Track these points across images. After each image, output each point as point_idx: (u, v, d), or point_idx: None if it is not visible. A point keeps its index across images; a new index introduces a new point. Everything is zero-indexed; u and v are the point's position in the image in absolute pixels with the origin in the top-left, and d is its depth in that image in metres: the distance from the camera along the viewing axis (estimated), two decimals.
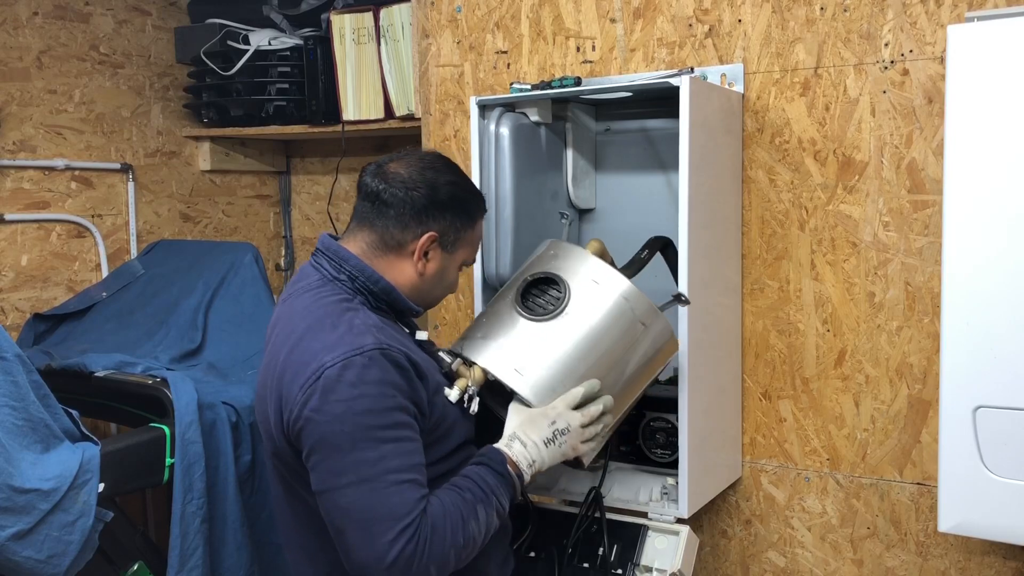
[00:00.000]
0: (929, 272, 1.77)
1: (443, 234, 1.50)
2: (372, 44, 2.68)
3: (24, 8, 2.63)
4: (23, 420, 1.72)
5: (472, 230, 1.54)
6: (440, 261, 1.51)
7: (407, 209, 1.47)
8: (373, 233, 1.49)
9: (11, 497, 1.66)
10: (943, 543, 1.81)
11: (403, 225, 1.47)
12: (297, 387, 1.33)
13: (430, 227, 1.48)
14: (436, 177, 1.50)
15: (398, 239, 1.48)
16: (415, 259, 1.49)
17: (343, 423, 1.30)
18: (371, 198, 1.48)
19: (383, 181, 1.48)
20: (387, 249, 1.49)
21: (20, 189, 2.64)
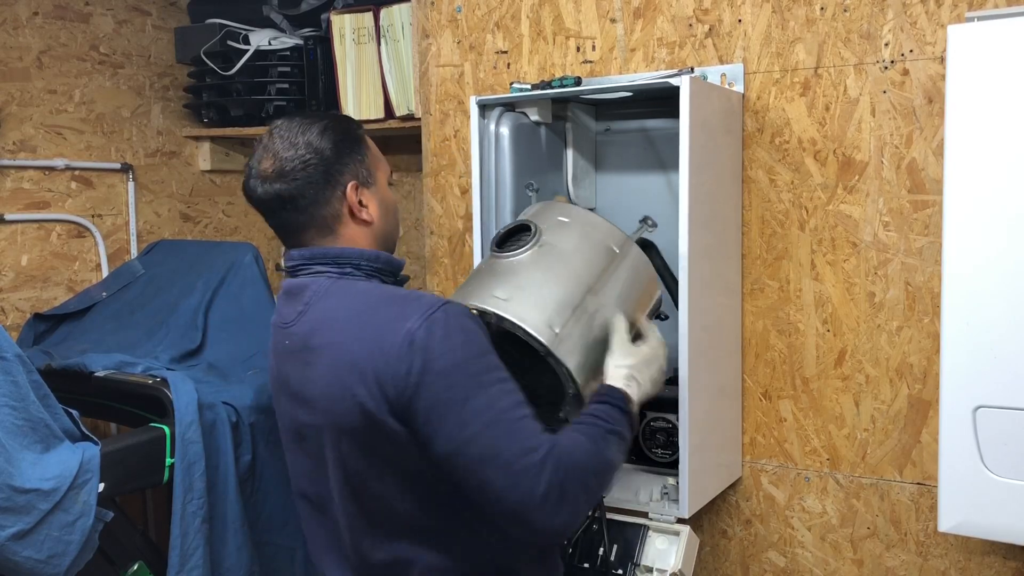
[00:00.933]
0: (929, 272, 1.77)
1: (357, 176, 1.45)
2: (372, 44, 2.68)
3: (24, 8, 2.63)
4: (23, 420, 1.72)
5: (369, 151, 1.50)
6: (373, 198, 1.47)
7: (314, 185, 1.41)
8: (309, 229, 1.44)
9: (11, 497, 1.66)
10: (943, 543, 1.81)
11: (324, 199, 1.42)
12: (393, 360, 1.30)
13: (344, 180, 1.43)
14: (308, 139, 1.42)
15: (330, 213, 1.43)
16: (356, 214, 1.45)
17: (450, 377, 1.29)
18: (278, 205, 1.43)
19: (272, 183, 1.41)
20: (331, 230, 1.44)
21: (20, 189, 2.64)
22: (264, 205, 1.44)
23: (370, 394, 1.32)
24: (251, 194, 1.45)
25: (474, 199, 1.90)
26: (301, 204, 1.42)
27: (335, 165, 1.42)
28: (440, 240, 2.35)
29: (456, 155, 2.29)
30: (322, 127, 1.43)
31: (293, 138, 1.42)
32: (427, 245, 2.38)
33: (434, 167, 2.33)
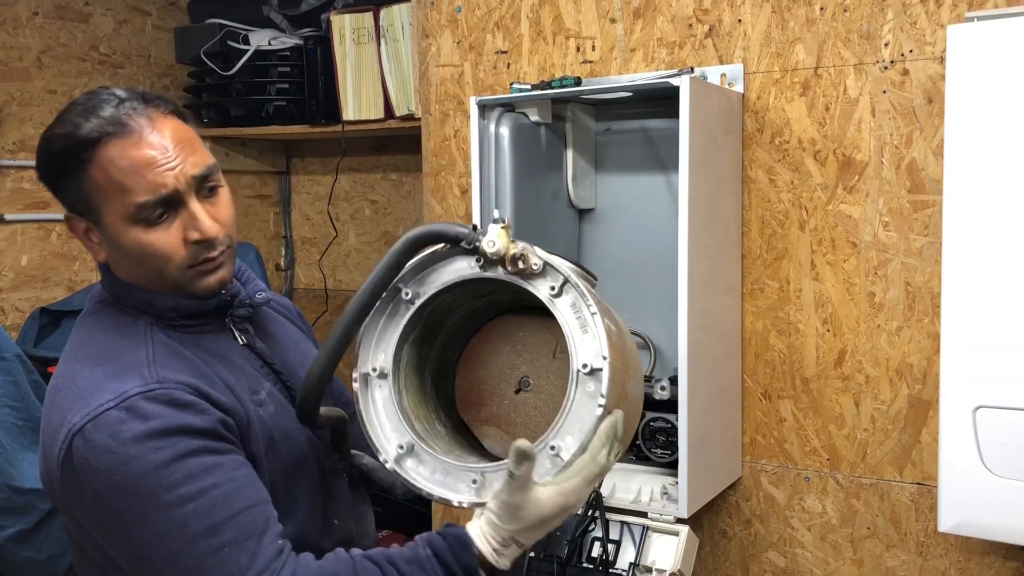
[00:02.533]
0: (929, 272, 1.77)
1: (74, 207, 1.18)
2: (372, 44, 2.68)
3: (24, 8, 2.64)
4: (23, 420, 1.73)
5: (87, 177, 1.12)
6: (104, 238, 1.19)
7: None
8: None
9: (11, 497, 1.66)
10: (943, 543, 1.81)
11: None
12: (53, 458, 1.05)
13: (67, 211, 1.20)
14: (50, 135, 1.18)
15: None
16: (92, 253, 1.23)
17: (108, 498, 1.02)
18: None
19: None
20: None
21: (20, 189, 2.64)
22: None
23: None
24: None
25: (474, 199, 1.90)
26: None
27: (50, 182, 1.18)
28: None
29: (456, 155, 2.29)
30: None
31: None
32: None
33: (434, 167, 2.33)
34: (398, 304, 1.18)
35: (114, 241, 1.13)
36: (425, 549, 1.08)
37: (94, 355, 1.12)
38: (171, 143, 1.11)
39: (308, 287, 3.45)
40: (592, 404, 1.08)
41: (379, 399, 1.16)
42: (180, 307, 1.16)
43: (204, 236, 1.12)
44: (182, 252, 1.12)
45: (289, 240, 3.46)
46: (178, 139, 1.12)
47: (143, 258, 1.12)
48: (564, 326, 1.12)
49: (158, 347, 1.12)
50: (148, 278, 1.15)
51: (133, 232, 1.10)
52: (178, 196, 1.11)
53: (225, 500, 1.03)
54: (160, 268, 1.13)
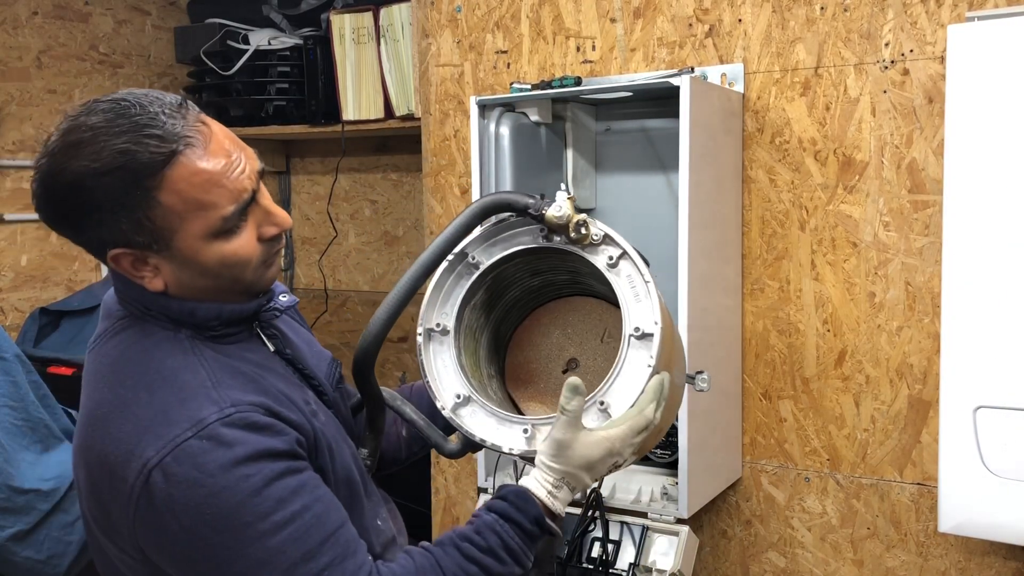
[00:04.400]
0: (929, 272, 1.77)
1: (130, 244, 1.07)
2: (372, 44, 2.68)
3: (24, 8, 2.63)
4: (22, 420, 1.72)
5: (154, 205, 1.02)
6: (171, 265, 1.11)
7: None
8: None
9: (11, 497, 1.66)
10: (943, 543, 1.81)
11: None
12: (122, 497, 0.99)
13: (108, 250, 1.10)
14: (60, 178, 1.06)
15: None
16: (144, 283, 1.12)
17: (200, 532, 0.96)
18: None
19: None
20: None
21: (20, 189, 2.64)
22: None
23: (93, 505, 1.07)
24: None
25: (474, 199, 1.90)
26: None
27: (80, 230, 1.07)
28: None
29: (456, 155, 2.29)
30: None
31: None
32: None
33: (434, 167, 2.33)
34: (465, 268, 1.25)
35: (188, 262, 1.03)
36: (489, 515, 1.08)
37: (146, 380, 1.02)
38: (227, 142, 1.05)
39: (308, 287, 3.45)
40: (642, 366, 1.12)
41: (440, 352, 1.23)
42: (223, 314, 1.07)
43: (282, 228, 1.08)
44: (258, 251, 1.07)
45: (289, 240, 3.46)
46: (227, 135, 1.06)
47: (223, 270, 1.04)
48: (619, 292, 1.17)
49: (212, 364, 1.04)
50: (218, 290, 1.07)
51: (215, 247, 1.02)
52: (254, 196, 1.05)
53: (317, 522, 1.00)
54: (239, 275, 1.06)
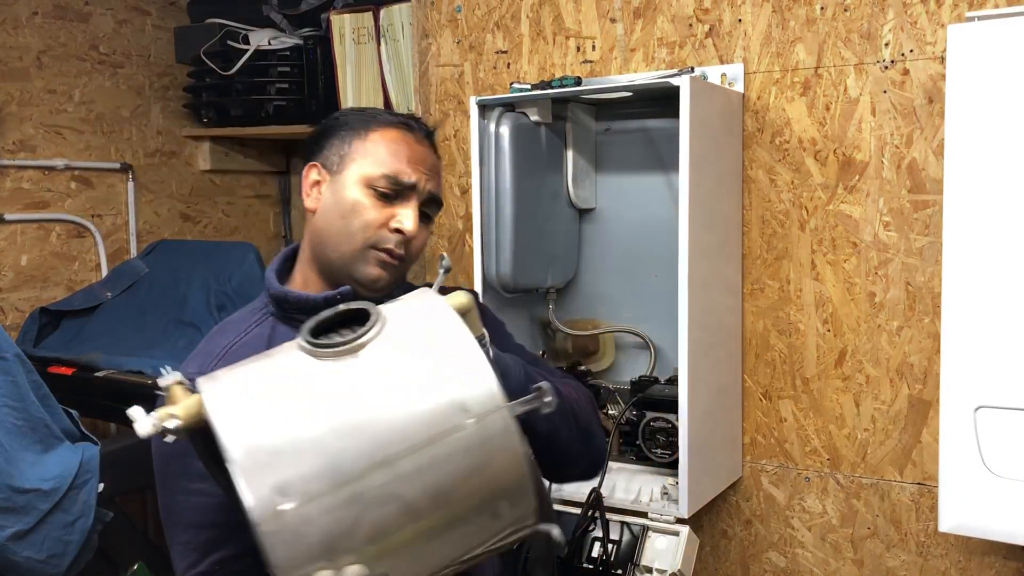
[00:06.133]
0: (929, 272, 1.77)
1: (325, 160, 1.27)
2: (372, 44, 2.68)
3: (24, 8, 2.63)
4: (23, 420, 1.73)
5: (361, 140, 1.25)
6: (331, 188, 1.25)
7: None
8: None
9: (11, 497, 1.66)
10: (943, 543, 1.81)
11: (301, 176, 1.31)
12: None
13: (312, 160, 1.29)
14: (329, 115, 1.34)
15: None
16: (306, 200, 1.28)
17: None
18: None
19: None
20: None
21: (20, 189, 2.64)
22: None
23: None
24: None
25: (474, 199, 1.90)
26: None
27: (316, 143, 1.30)
28: (440, 240, 2.35)
29: (456, 155, 2.29)
30: (343, 111, 1.37)
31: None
32: (427, 245, 2.38)
33: None
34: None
35: (339, 190, 1.24)
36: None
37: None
38: (431, 163, 1.29)
39: None
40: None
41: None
42: (289, 297, 1.26)
43: (404, 230, 1.23)
44: (376, 229, 1.22)
45: (289, 240, 3.46)
46: (434, 166, 1.30)
47: (349, 213, 1.22)
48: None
49: (250, 339, 1.27)
50: (337, 236, 1.23)
51: (360, 190, 1.23)
52: (410, 193, 1.24)
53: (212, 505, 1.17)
54: (353, 230, 1.22)
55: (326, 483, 0.82)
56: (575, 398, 1.28)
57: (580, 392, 1.32)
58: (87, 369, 2.24)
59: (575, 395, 1.29)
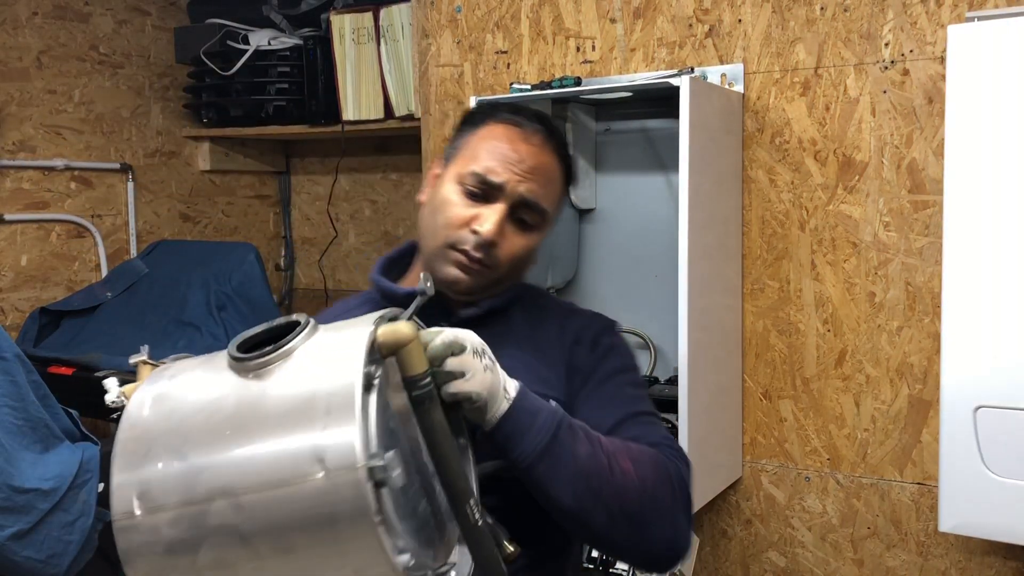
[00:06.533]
0: (929, 272, 1.77)
1: (447, 153, 1.26)
2: (372, 44, 2.68)
3: (24, 8, 2.63)
4: (23, 420, 1.72)
5: (473, 135, 1.23)
6: (439, 182, 1.24)
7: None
8: None
9: (11, 497, 1.66)
10: (943, 543, 1.81)
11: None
12: None
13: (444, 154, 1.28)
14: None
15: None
16: (420, 193, 1.28)
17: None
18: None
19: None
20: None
21: (20, 189, 2.64)
22: None
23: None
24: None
25: None
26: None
27: (453, 135, 1.28)
28: None
29: None
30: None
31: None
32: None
33: None
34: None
35: (440, 185, 1.22)
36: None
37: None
38: (535, 164, 1.19)
39: (308, 287, 3.45)
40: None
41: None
42: (381, 286, 1.25)
43: (479, 231, 1.15)
44: (456, 228, 1.17)
45: (289, 240, 3.46)
46: (538, 168, 1.20)
47: (438, 210, 1.19)
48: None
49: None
50: (427, 231, 1.22)
51: (452, 188, 1.19)
52: (498, 194, 1.17)
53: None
54: (437, 226, 1.19)
55: (177, 498, 0.81)
56: (627, 477, 1.03)
57: (649, 469, 1.06)
58: (87, 369, 2.24)
59: (632, 473, 1.04)
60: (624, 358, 1.24)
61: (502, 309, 1.24)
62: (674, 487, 1.08)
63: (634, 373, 1.24)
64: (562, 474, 1.00)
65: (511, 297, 1.24)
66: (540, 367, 1.18)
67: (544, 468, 0.99)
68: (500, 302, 1.23)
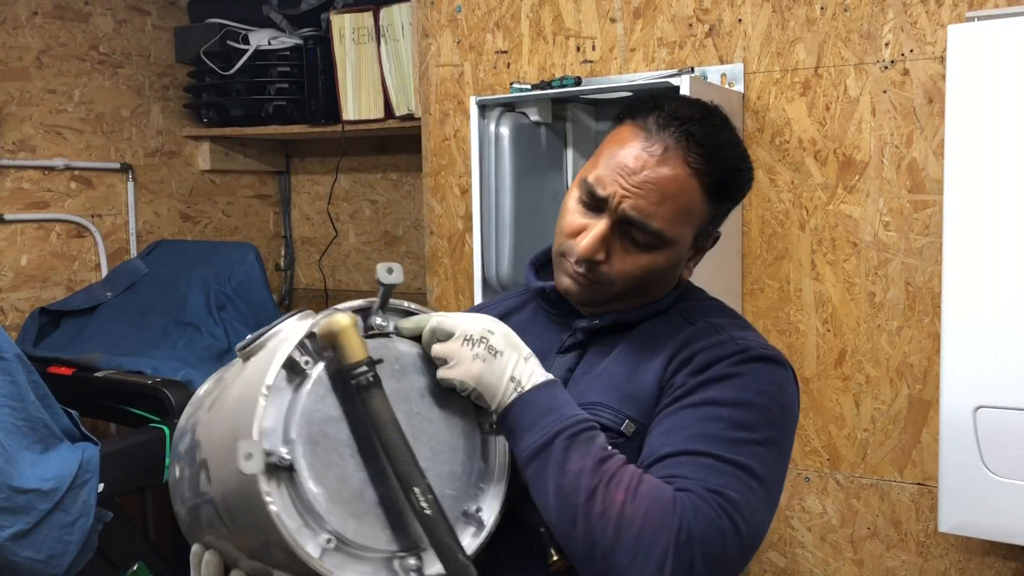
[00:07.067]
0: (929, 272, 1.77)
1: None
2: (372, 44, 2.68)
3: (24, 8, 2.63)
4: (23, 420, 1.72)
5: (610, 132, 1.14)
6: (573, 183, 1.17)
7: None
8: None
9: (11, 497, 1.66)
10: (943, 543, 1.81)
11: None
12: None
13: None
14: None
15: None
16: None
17: None
18: None
19: None
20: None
21: (20, 189, 2.64)
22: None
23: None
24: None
25: (474, 199, 1.90)
26: None
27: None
28: (440, 240, 2.35)
29: (456, 155, 2.29)
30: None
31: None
32: (427, 245, 2.38)
33: (434, 167, 2.33)
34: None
35: (571, 189, 1.13)
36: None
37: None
38: (648, 178, 1.05)
39: (308, 287, 3.45)
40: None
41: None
42: (526, 279, 1.22)
43: (575, 247, 1.08)
44: (566, 237, 1.10)
45: (289, 240, 3.46)
46: (657, 183, 1.06)
47: (560, 214, 1.13)
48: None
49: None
50: (558, 234, 1.14)
51: (573, 193, 1.11)
52: (603, 206, 1.07)
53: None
54: (557, 231, 1.13)
55: (188, 462, 0.96)
56: (609, 507, 0.92)
57: (644, 507, 0.92)
58: (87, 369, 2.24)
59: (618, 505, 0.92)
60: (734, 392, 1.02)
61: (629, 323, 1.13)
62: (673, 537, 0.90)
63: (734, 410, 1.00)
64: (547, 483, 0.94)
65: (648, 312, 1.14)
66: (628, 385, 1.08)
67: (532, 472, 0.96)
68: (627, 317, 1.13)
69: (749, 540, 0.95)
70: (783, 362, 1.08)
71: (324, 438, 0.87)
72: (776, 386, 1.05)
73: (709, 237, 1.17)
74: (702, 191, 1.08)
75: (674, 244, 1.09)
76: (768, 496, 0.99)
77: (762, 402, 1.02)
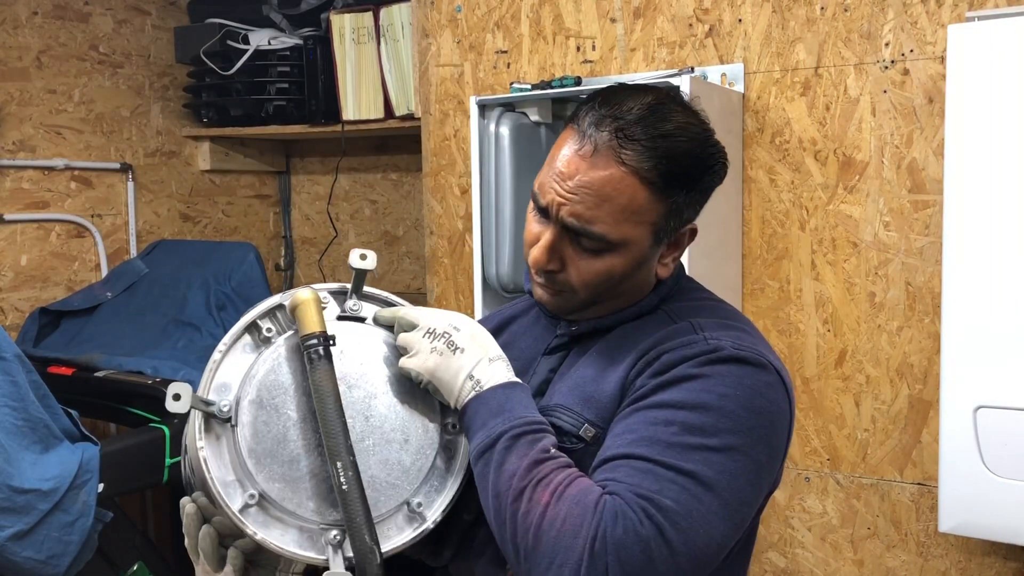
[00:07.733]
0: (929, 272, 1.77)
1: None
2: (372, 44, 2.68)
3: (24, 8, 2.63)
4: (23, 420, 1.72)
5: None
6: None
7: None
8: None
9: (11, 497, 1.66)
10: (943, 543, 1.81)
11: None
12: None
13: None
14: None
15: None
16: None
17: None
18: None
19: None
20: None
21: (20, 189, 2.64)
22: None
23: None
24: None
25: (474, 199, 1.90)
26: None
27: None
28: (440, 240, 2.35)
29: (456, 155, 2.29)
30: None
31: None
32: (427, 245, 2.38)
33: (434, 167, 2.33)
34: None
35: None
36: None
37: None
38: (581, 182, 1.00)
39: None
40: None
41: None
42: (526, 285, 1.20)
43: (529, 258, 1.06)
44: (528, 247, 1.07)
45: (289, 240, 3.46)
46: (591, 186, 1.00)
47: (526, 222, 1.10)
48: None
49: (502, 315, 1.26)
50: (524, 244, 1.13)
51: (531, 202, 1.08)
52: (546, 213, 1.03)
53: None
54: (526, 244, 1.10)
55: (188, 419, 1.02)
56: (532, 507, 0.90)
57: (565, 509, 0.89)
58: (87, 369, 2.24)
59: (541, 506, 0.89)
60: (692, 394, 0.96)
61: (607, 328, 1.09)
62: (588, 541, 0.86)
63: (689, 413, 0.94)
64: (487, 484, 0.93)
65: (628, 315, 1.09)
66: (592, 387, 1.05)
67: (477, 472, 0.95)
68: (604, 322, 1.09)
69: (684, 551, 0.87)
70: (763, 364, 0.99)
71: (271, 402, 0.93)
72: (747, 389, 0.97)
73: (676, 232, 1.09)
74: (643, 187, 1.00)
75: (626, 245, 1.02)
76: (723, 506, 0.91)
77: (725, 405, 0.95)
